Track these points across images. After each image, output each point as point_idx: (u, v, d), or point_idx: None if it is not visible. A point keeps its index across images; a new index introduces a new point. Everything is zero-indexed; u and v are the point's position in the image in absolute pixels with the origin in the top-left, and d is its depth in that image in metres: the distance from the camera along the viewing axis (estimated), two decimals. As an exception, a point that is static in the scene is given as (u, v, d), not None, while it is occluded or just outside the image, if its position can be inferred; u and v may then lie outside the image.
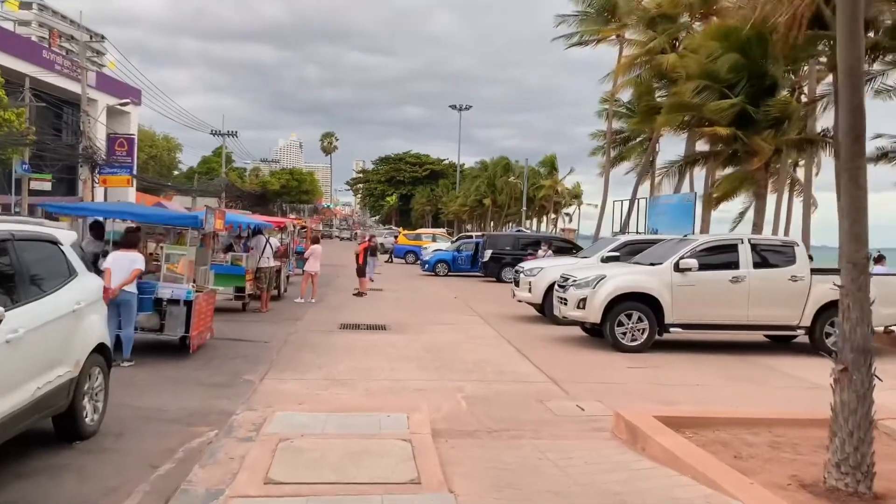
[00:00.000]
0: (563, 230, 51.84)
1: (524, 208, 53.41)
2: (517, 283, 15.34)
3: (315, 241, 17.92)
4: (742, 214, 30.04)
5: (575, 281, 11.79)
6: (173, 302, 9.36)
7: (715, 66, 19.80)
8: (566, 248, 26.06)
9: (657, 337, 11.43)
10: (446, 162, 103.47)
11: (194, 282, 10.25)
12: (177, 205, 44.81)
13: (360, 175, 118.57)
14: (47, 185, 37.70)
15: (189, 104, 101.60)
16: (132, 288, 8.63)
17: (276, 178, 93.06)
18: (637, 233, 27.86)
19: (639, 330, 11.17)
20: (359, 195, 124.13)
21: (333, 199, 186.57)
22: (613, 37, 36.99)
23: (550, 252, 21.36)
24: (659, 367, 10.19)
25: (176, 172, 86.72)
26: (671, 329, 11.36)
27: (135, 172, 45.73)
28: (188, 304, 9.33)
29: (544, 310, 14.82)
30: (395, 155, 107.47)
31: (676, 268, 11.25)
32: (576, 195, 70.46)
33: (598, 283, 11.37)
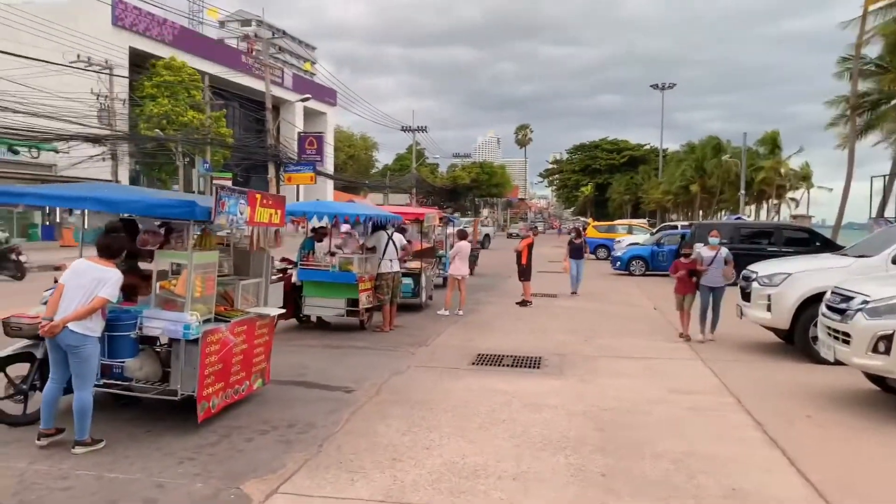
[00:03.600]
0: (794, 217, 43.34)
1: (742, 192, 45.54)
2: (746, 296, 10.16)
3: (462, 236, 13.92)
4: None
5: (869, 302, 6.59)
6: (176, 339, 5.80)
7: None
8: (804, 239, 19.76)
9: None
10: (647, 147, 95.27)
11: (230, 304, 6.66)
12: (368, 202, 43.66)
13: (554, 166, 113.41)
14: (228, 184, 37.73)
15: (393, 108, 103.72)
16: (89, 327, 5.14)
17: (467, 172, 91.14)
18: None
19: None
20: (553, 186, 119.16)
21: (529, 193, 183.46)
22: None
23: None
24: None
25: (373, 171, 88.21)
26: None
27: (321, 170, 45.29)
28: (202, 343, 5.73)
29: (794, 337, 9.56)
30: (591, 142, 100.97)
31: None
32: (804, 177, 60.16)
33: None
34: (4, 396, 5.85)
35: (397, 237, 11.43)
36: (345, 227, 11.90)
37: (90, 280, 5.12)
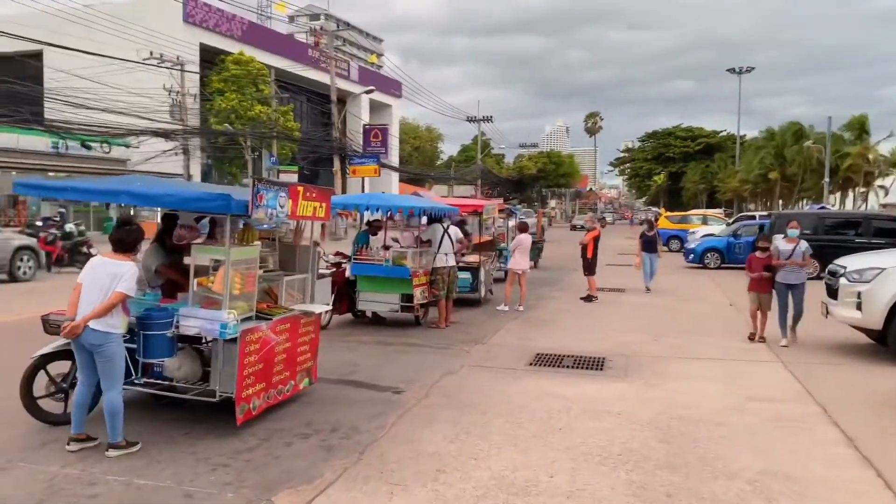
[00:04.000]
0: (883, 206, 40.72)
1: (826, 179, 43.08)
2: (833, 293, 9.30)
3: (522, 229, 13.38)
4: None
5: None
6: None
7: None
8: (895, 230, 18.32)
9: None
10: (723, 134, 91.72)
11: (273, 301, 6.41)
12: (433, 193, 43.53)
13: (625, 154, 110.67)
14: (294, 178, 38.17)
15: (459, 99, 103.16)
16: (110, 324, 4.94)
17: (534, 162, 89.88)
18: None
19: None
20: (624, 176, 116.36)
21: (598, 183, 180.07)
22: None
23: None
24: None
25: (438, 162, 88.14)
26: None
27: (386, 162, 45.36)
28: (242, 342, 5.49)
29: (888, 339, 8.69)
30: (663, 130, 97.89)
31: None
32: (894, 163, 56.52)
33: None
34: (45, 395, 5.74)
35: (453, 230, 11.01)
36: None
37: (105, 276, 4.91)
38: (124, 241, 5.06)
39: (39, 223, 19.25)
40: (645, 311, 12.98)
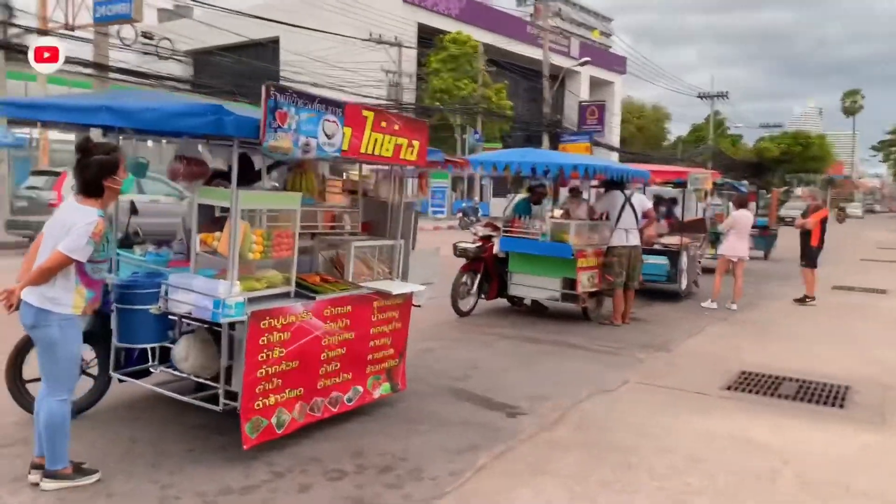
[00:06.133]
0: None
1: None
2: None
3: (740, 204, 10.30)
4: None
5: None
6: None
7: None
8: None
9: None
10: None
11: (341, 273, 4.65)
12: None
13: (893, 137, 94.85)
14: (499, 154, 36.85)
15: (694, 80, 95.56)
16: (50, 298, 3.34)
17: (776, 143, 80.00)
18: None
19: None
20: (889, 161, 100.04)
21: (857, 171, 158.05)
22: None
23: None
24: None
25: (664, 143, 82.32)
26: None
27: (601, 140, 42.34)
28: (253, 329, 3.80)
29: None
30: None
31: None
32: None
33: None
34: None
35: (638, 200, 8.46)
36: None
37: (59, 227, 3.35)
38: (82, 177, 3.47)
39: None
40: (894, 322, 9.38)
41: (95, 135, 3.89)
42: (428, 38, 42.12)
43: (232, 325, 3.93)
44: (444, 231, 23.04)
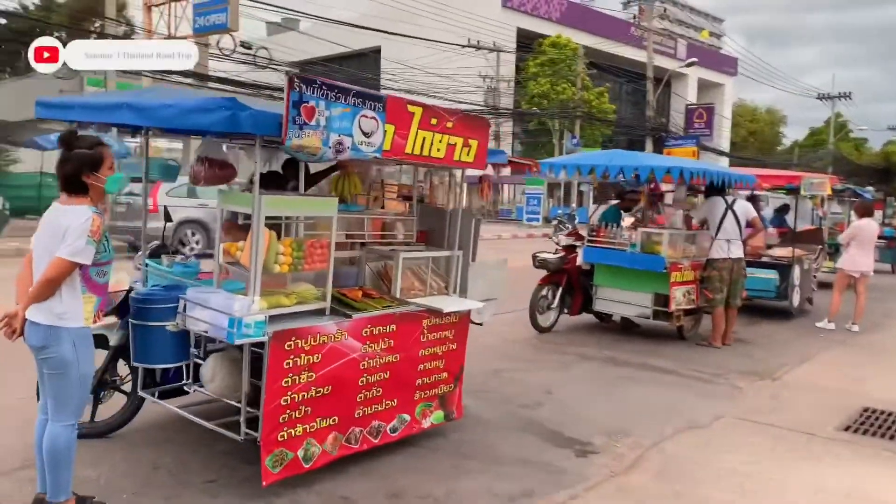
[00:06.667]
0: None
1: None
2: None
3: (864, 212, 9.08)
4: None
5: None
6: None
7: None
8: None
9: None
10: None
11: (388, 288, 4.19)
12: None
13: None
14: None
15: (816, 80, 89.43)
16: (57, 314, 2.98)
17: (907, 147, 73.66)
18: None
19: None
20: None
21: None
22: None
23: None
24: None
25: (779, 148, 77.77)
26: None
27: (709, 145, 40.21)
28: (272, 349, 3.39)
29: None
30: None
31: None
32: None
33: None
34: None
35: (741, 207, 7.54)
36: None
37: (50, 235, 3.01)
38: (62, 173, 3.10)
39: None
40: None
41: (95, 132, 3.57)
42: (527, 42, 41.48)
43: (260, 345, 3.52)
44: (536, 240, 22.17)
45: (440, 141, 3.99)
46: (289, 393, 3.48)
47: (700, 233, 7.70)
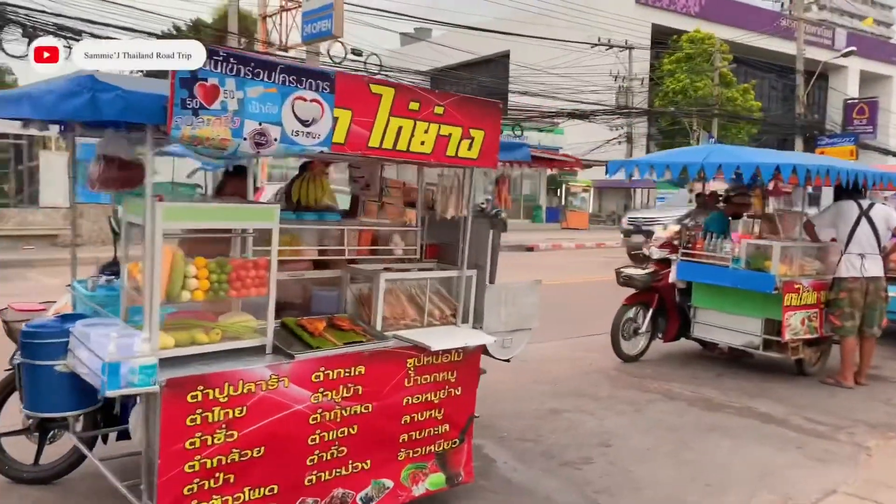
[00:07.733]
0: None
1: None
2: None
3: None
4: None
5: None
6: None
7: None
8: None
9: None
10: None
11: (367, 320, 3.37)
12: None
13: None
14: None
15: None
16: None
17: None
18: None
19: None
20: None
21: None
22: None
23: None
24: None
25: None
26: None
27: (870, 143, 35.90)
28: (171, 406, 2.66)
29: None
30: None
31: None
32: None
33: None
34: (11, 431, 3.66)
35: (880, 213, 5.97)
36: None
37: None
38: None
39: None
40: None
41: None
42: (662, 39, 39.08)
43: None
44: (608, 250, 19.92)
45: (425, 131, 3.09)
46: (196, 457, 2.70)
47: (826, 245, 6.19)
